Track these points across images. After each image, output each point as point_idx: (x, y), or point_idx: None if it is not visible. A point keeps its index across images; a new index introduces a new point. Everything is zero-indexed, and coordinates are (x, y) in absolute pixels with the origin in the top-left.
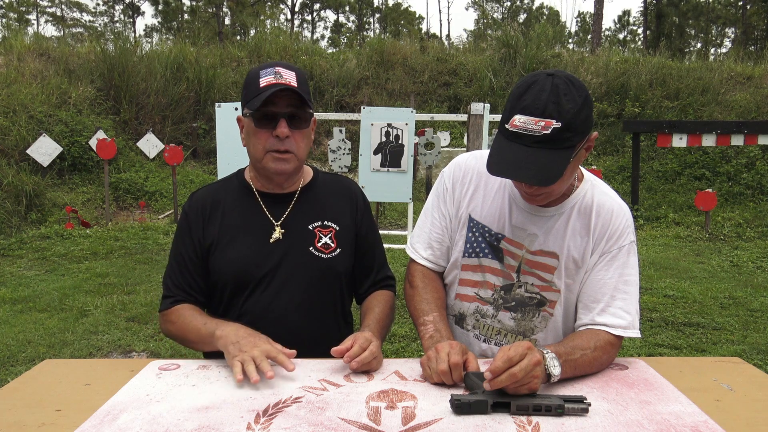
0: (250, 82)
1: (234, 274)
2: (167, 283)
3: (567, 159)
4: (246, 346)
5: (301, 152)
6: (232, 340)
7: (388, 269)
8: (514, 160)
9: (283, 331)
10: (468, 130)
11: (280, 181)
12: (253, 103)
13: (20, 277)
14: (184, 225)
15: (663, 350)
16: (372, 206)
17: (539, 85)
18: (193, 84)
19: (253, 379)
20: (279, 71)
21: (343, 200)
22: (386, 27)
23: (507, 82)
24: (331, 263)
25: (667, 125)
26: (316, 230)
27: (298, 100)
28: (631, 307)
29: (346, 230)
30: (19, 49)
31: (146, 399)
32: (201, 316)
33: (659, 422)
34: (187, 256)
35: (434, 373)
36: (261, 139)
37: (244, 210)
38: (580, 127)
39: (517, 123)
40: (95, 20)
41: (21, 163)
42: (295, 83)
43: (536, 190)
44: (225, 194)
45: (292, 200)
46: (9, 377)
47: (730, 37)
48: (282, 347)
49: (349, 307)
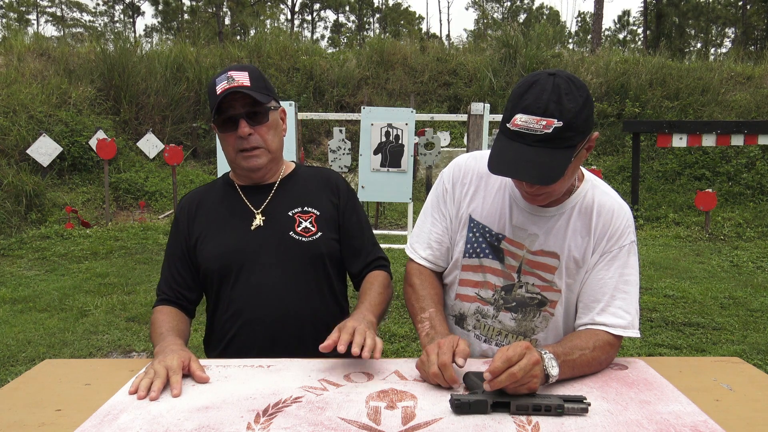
0: (210, 92)
1: (218, 264)
2: (159, 282)
3: (568, 158)
4: (158, 360)
5: (270, 144)
6: (157, 355)
7: (380, 250)
8: (516, 159)
9: (270, 316)
10: (468, 130)
11: (258, 176)
12: (213, 111)
13: (20, 277)
14: (174, 227)
15: (663, 350)
16: (372, 206)
17: (541, 85)
18: (193, 84)
19: (138, 395)
20: (231, 75)
21: (323, 188)
22: (386, 27)
23: (507, 82)
24: (311, 245)
25: (667, 125)
26: (296, 216)
27: (253, 98)
28: (630, 307)
29: (328, 215)
30: (19, 49)
31: (146, 399)
32: (166, 323)
33: (659, 422)
34: (176, 255)
35: (428, 376)
36: (229, 142)
37: (226, 204)
38: (581, 126)
39: (518, 122)
40: (95, 20)
41: (21, 163)
42: (247, 82)
43: (537, 189)
44: (210, 193)
45: (272, 190)
46: (9, 377)
47: (730, 37)
48: (196, 367)
49: (343, 290)
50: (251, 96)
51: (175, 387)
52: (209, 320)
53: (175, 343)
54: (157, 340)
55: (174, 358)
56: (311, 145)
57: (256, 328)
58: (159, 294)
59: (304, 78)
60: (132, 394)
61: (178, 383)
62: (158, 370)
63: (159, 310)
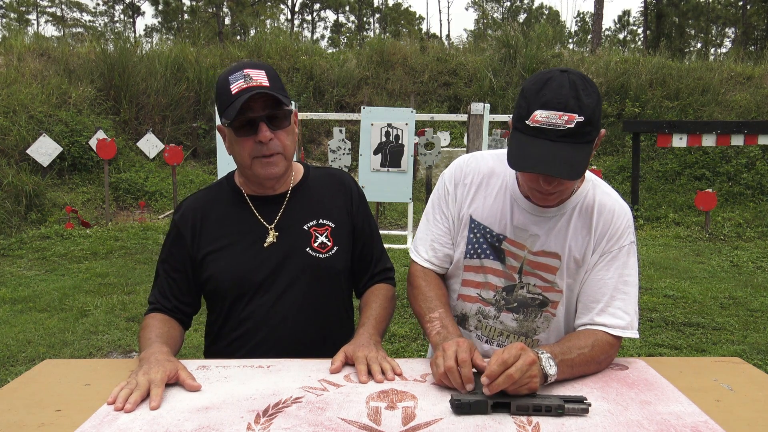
0: (222, 90)
1: (231, 283)
2: (152, 289)
3: (589, 153)
4: (141, 371)
5: (287, 151)
6: (142, 363)
7: (387, 260)
8: (541, 154)
9: (285, 334)
10: (468, 130)
11: (272, 184)
12: (229, 113)
13: (20, 277)
14: (173, 236)
15: (663, 350)
16: (372, 206)
17: (557, 81)
18: (193, 84)
19: (115, 407)
20: (248, 73)
21: (336, 195)
22: (386, 27)
23: (507, 82)
24: (329, 263)
25: (667, 125)
26: (311, 230)
27: (274, 100)
28: (630, 308)
29: (342, 226)
30: (19, 49)
31: (146, 399)
32: (155, 331)
33: (659, 422)
34: (174, 266)
35: (441, 370)
36: (245, 147)
37: (235, 216)
38: (596, 122)
39: (539, 118)
40: (95, 20)
41: (21, 163)
42: (266, 82)
43: (554, 187)
44: (215, 203)
45: (284, 201)
46: (9, 377)
47: (730, 37)
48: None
49: (350, 301)
50: (273, 98)
51: (154, 400)
52: (214, 333)
53: (161, 352)
54: (144, 346)
55: (158, 370)
56: (311, 145)
57: (270, 347)
58: (151, 302)
59: (304, 78)
60: (110, 405)
61: (157, 396)
62: (140, 382)
63: (152, 316)
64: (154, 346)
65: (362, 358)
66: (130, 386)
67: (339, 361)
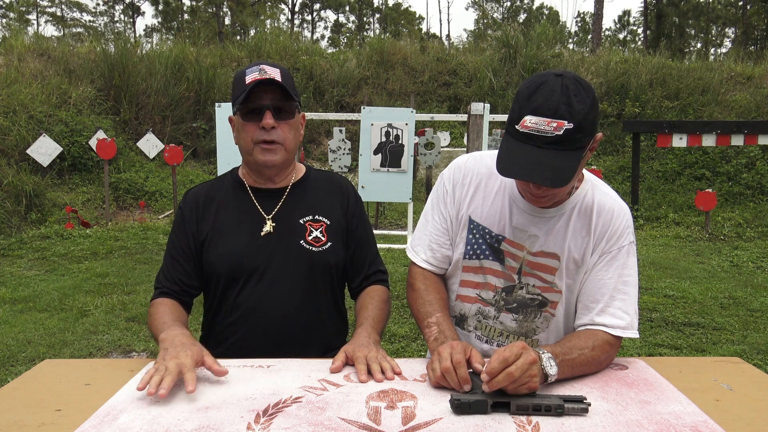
0: (238, 82)
1: (226, 268)
2: (158, 275)
3: (578, 159)
4: (169, 355)
5: (288, 143)
6: (166, 346)
7: (381, 263)
8: (527, 161)
9: (275, 324)
10: (468, 130)
11: (271, 174)
12: (239, 99)
13: (20, 277)
14: (178, 220)
15: (663, 350)
16: (372, 206)
17: (549, 86)
18: (193, 84)
19: (148, 391)
20: (263, 68)
21: (334, 196)
22: (386, 27)
23: (507, 82)
24: (321, 256)
25: (667, 125)
26: (306, 224)
27: (282, 93)
28: (629, 308)
29: (337, 224)
30: (19, 49)
31: (146, 399)
32: (168, 313)
33: (659, 422)
34: (180, 249)
35: (438, 373)
36: (249, 132)
37: (236, 205)
38: (589, 128)
39: (528, 124)
40: (95, 20)
41: (21, 163)
42: (278, 78)
43: (544, 191)
44: (218, 191)
45: (284, 195)
46: (9, 377)
47: (730, 37)
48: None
49: (342, 302)
50: (281, 89)
51: (190, 384)
52: (208, 321)
53: (183, 335)
54: (161, 328)
55: (186, 354)
56: (311, 145)
57: (260, 335)
58: (158, 286)
59: (304, 78)
60: (141, 390)
61: (192, 380)
62: (170, 367)
63: (160, 302)
64: (174, 329)
65: (362, 357)
66: (160, 372)
67: (339, 360)
